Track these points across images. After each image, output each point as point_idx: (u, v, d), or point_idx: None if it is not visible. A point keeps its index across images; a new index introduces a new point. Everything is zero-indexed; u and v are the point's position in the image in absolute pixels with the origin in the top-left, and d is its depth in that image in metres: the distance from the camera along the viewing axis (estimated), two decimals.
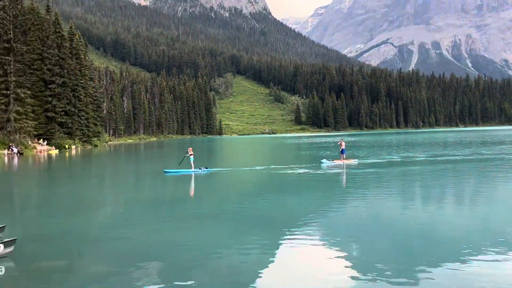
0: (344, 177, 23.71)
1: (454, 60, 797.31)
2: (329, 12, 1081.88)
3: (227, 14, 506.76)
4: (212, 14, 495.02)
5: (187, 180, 24.21)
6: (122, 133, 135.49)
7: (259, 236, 10.80)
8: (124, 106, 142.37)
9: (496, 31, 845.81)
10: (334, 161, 30.56)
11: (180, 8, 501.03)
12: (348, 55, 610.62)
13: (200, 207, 15.68)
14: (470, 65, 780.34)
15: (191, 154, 27.79)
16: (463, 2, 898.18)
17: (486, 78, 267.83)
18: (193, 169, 27.22)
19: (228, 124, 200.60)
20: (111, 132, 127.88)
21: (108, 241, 10.79)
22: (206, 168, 27.78)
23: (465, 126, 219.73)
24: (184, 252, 9.59)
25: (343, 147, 31.47)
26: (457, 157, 33.87)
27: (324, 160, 30.94)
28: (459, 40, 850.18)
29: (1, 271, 8.33)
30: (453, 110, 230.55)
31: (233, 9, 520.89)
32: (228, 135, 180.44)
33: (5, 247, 9.12)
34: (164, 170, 27.84)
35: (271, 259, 8.99)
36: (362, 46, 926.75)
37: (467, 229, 11.25)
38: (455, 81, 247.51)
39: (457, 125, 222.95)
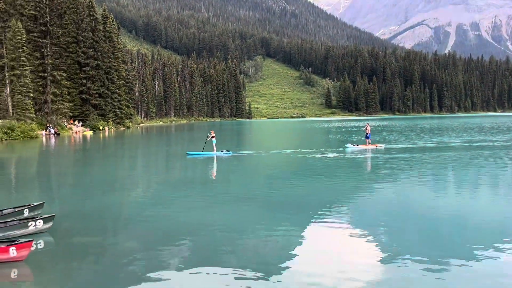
0: (369, 162, 23.39)
1: (493, 42, 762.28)
2: None
3: None
4: None
5: (214, 162, 24.50)
6: (154, 115, 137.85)
7: (286, 220, 10.87)
8: (156, 88, 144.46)
9: None
10: (359, 146, 30.08)
11: None
12: (382, 37, 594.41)
13: (229, 190, 15.89)
14: (511, 47, 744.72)
15: (213, 137, 27.84)
16: None
17: None
18: (215, 152, 27.35)
19: (257, 108, 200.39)
20: (143, 114, 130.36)
21: (140, 220, 11.13)
22: (228, 151, 27.80)
23: (504, 111, 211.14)
24: (213, 233, 9.79)
25: (369, 132, 31.03)
26: (494, 143, 32.71)
27: (348, 145, 30.41)
28: (500, 20, 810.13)
29: (40, 244, 8.81)
30: (491, 94, 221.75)
31: None
32: (257, 118, 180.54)
33: (44, 222, 9.58)
34: (187, 152, 28.10)
35: (298, 243, 9.05)
36: (396, 28, 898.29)
37: (501, 217, 10.94)
38: (494, 64, 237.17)
39: (495, 110, 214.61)
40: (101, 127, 72.02)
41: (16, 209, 10.64)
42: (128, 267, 7.62)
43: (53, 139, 51.79)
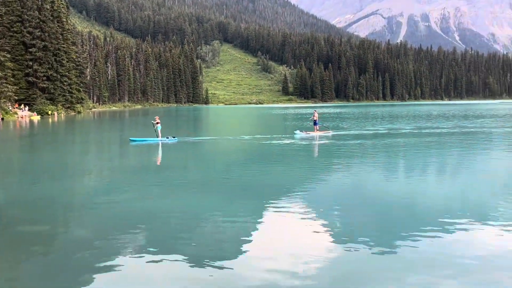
0: (323, 148, 23.87)
1: (442, 33, 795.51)
2: None
3: None
4: None
5: (172, 148, 24.08)
6: (107, 100, 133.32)
7: (242, 206, 10.86)
8: (108, 72, 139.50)
9: (485, 3, 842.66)
10: (308, 132, 30.46)
11: None
12: (337, 26, 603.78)
13: (185, 176, 15.67)
14: (457, 38, 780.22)
15: (157, 123, 27.03)
16: None
17: (473, 52, 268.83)
18: (159, 138, 26.68)
19: (214, 94, 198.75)
20: (95, 99, 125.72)
21: (91, 207, 10.72)
22: (174, 137, 27.08)
23: (450, 100, 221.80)
24: (169, 219, 9.60)
25: (316, 118, 31.62)
26: (440, 130, 34.30)
27: (297, 131, 30.66)
28: (448, 12, 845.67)
29: None
30: (439, 84, 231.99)
31: None
32: (215, 104, 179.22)
33: None
34: (130, 138, 27.13)
35: (254, 228, 9.06)
36: (351, 16, 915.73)
37: (448, 200, 11.48)
38: (442, 54, 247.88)
39: (442, 99, 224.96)
40: (49, 112, 68.73)
41: None
42: (79, 258, 7.31)
43: None
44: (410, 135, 30.65)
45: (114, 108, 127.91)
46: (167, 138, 26.75)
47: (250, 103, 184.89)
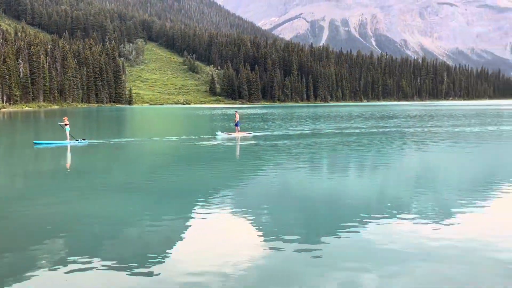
0: (248, 149, 24.24)
1: (360, 38, 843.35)
2: None
3: None
4: None
5: (93, 150, 22.95)
6: (18, 99, 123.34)
7: (169, 209, 10.67)
8: (20, 70, 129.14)
9: (398, 12, 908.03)
10: (229, 133, 30.60)
11: None
12: (263, 28, 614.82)
13: (107, 180, 15.01)
14: (374, 43, 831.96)
15: (66, 124, 25.65)
16: None
17: (388, 56, 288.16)
18: (68, 141, 25.30)
19: (139, 93, 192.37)
20: (5, 98, 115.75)
21: (4, 216, 9.88)
22: (84, 139, 25.88)
23: (368, 101, 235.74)
24: (91, 225, 9.15)
25: (238, 119, 31.89)
26: (360, 130, 36.35)
27: (219, 133, 30.69)
28: (366, 19, 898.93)
29: None
30: (358, 86, 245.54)
31: None
32: (139, 104, 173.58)
33: None
34: (34, 141, 25.16)
35: (181, 231, 8.95)
36: (276, 19, 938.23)
37: (367, 196, 12.22)
38: (361, 58, 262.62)
39: (361, 100, 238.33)
40: None
41: None
42: None
43: None
44: (332, 135, 32.11)
45: (27, 108, 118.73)
46: (76, 140, 25.30)
47: (176, 104, 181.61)
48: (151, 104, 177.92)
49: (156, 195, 12.14)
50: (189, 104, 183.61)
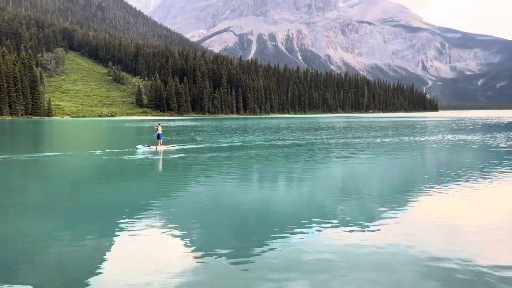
0: (160, 163, 23.89)
1: (287, 53, 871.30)
2: None
3: None
4: None
5: (5, 167, 21.15)
6: None
7: (93, 227, 10.11)
8: None
9: (322, 29, 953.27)
10: (151, 146, 29.60)
11: None
12: (191, 40, 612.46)
13: (24, 198, 13.90)
14: (300, 58, 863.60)
15: None
16: (295, 0, 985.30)
17: (313, 70, 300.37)
18: None
19: (59, 105, 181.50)
20: None
21: None
22: None
23: (295, 113, 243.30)
24: (6, 248, 8.37)
25: (160, 132, 30.93)
26: (287, 142, 37.33)
27: (139, 146, 29.48)
28: (292, 34, 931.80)
29: None
30: (286, 99, 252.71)
31: None
32: (59, 117, 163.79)
33: None
34: None
35: (106, 250, 8.51)
36: (205, 31, 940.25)
37: (295, 206, 12.52)
38: (288, 72, 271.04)
39: (289, 112, 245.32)
40: None
41: None
42: None
43: None
44: (261, 147, 32.61)
45: None
46: None
47: (100, 116, 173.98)
48: (72, 117, 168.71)
49: (77, 214, 11.45)
50: (114, 116, 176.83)
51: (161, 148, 29.42)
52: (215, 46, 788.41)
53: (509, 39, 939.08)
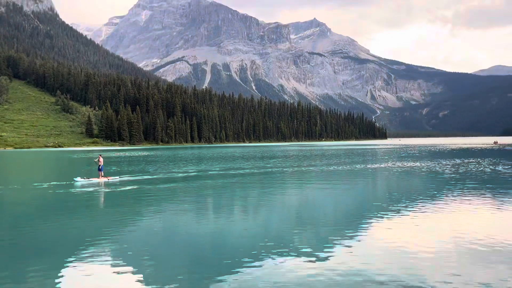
0: (107, 195, 23.18)
1: (241, 82, 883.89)
2: (124, 23, 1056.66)
3: (3, 10, 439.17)
4: None
5: None
6: None
7: (38, 264, 9.45)
8: None
9: (274, 59, 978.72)
10: (91, 179, 28.45)
11: None
12: (144, 69, 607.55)
13: None
14: (254, 87, 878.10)
15: None
16: (249, 31, 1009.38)
17: (267, 100, 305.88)
18: None
19: (1, 136, 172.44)
20: None
21: None
22: None
23: (250, 142, 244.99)
24: None
25: (101, 163, 29.65)
26: (243, 171, 37.29)
27: (78, 178, 28.11)
28: (245, 64, 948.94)
29: None
30: (241, 127, 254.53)
31: (11, 4, 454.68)
32: (1, 148, 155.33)
33: None
34: None
35: (59, 283, 7.95)
36: (159, 61, 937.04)
37: (250, 235, 12.37)
38: (242, 101, 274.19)
39: (244, 141, 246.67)
40: None
41: None
42: None
43: None
44: (216, 176, 32.34)
45: None
46: None
47: (47, 146, 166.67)
48: (16, 148, 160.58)
49: (20, 253, 10.67)
50: (62, 146, 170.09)
51: (102, 180, 28.16)
52: (169, 75, 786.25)
53: (448, 71, 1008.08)
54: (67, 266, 9.27)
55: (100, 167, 29.28)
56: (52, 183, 27.42)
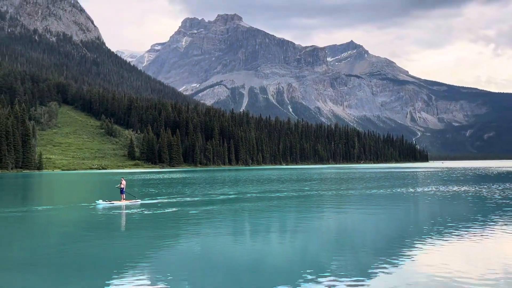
0: (166, 217, 23.56)
1: (278, 105, 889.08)
2: (166, 49, 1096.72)
3: (54, 39, 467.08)
4: (36, 37, 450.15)
5: None
6: None
7: (79, 283, 9.78)
8: None
9: (311, 82, 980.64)
10: (112, 201, 28.66)
11: None
12: (184, 93, 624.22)
13: (11, 254, 13.48)
14: (291, 110, 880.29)
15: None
16: (285, 55, 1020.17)
17: (304, 122, 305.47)
18: None
19: (50, 158, 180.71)
20: None
21: None
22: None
23: (287, 164, 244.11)
24: None
25: (123, 186, 29.76)
26: (280, 194, 37.13)
27: (99, 201, 28.43)
28: (282, 87, 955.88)
29: None
30: (277, 150, 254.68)
31: (61, 34, 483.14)
32: (50, 170, 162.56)
33: None
34: None
35: None
36: (198, 85, 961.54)
37: (290, 258, 12.29)
38: (279, 123, 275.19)
39: (280, 163, 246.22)
40: None
41: None
42: None
43: None
44: (254, 199, 32.37)
45: None
46: None
47: (91, 168, 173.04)
48: (63, 170, 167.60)
49: (65, 270, 11.10)
50: (106, 168, 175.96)
51: (123, 203, 28.48)
52: (208, 99, 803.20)
53: (493, 91, 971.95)
54: (107, 285, 9.54)
55: (122, 190, 29.47)
56: (92, 204, 28.23)
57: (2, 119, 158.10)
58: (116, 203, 28.21)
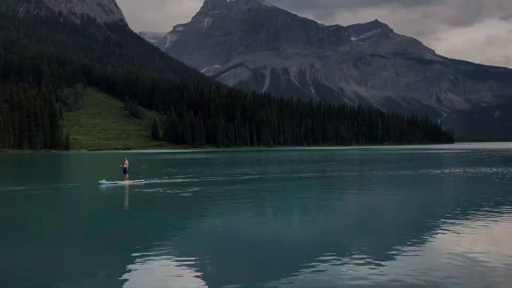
0: (160, 196, 23.94)
1: (300, 86, 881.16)
2: (188, 30, 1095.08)
3: (78, 21, 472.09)
4: (61, 20, 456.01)
5: (21, 199, 21.50)
6: None
7: (110, 257, 10.15)
8: None
9: (334, 62, 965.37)
10: (115, 181, 28.78)
11: (22, 8, 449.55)
12: (206, 74, 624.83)
13: (42, 229, 14.06)
14: (313, 91, 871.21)
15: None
16: (308, 35, 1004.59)
17: (326, 103, 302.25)
18: None
19: (77, 139, 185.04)
20: None
21: None
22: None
23: (309, 146, 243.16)
24: (25, 281, 8.44)
25: (126, 166, 29.74)
26: (302, 174, 37.16)
27: (103, 181, 28.57)
28: (304, 68, 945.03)
29: None
30: (299, 131, 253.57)
31: (85, 16, 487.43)
32: (77, 150, 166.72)
33: None
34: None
35: (124, 279, 8.51)
36: (219, 66, 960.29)
37: (311, 239, 12.39)
38: (301, 105, 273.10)
39: (302, 145, 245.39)
40: None
41: None
42: None
43: None
44: (275, 180, 32.51)
45: None
46: None
47: (116, 149, 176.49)
48: (89, 150, 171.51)
49: (91, 245, 11.51)
50: (130, 149, 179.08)
51: (126, 182, 28.74)
52: (230, 80, 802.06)
53: None
54: (132, 262, 9.86)
55: (125, 170, 29.63)
56: (115, 181, 28.82)
57: (31, 101, 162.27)
58: (120, 182, 28.49)
